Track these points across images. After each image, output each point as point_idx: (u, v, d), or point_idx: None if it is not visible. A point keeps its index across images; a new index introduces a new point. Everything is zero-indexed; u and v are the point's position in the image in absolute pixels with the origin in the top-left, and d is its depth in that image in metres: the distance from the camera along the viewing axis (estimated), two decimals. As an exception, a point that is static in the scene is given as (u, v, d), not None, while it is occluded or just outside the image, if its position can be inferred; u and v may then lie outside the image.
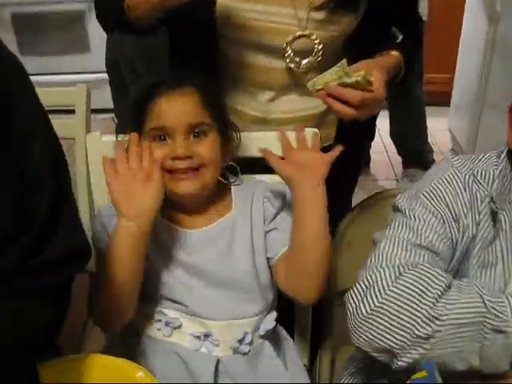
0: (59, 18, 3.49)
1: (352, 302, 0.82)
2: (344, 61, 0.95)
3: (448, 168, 0.91)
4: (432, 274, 0.80)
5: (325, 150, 1.07)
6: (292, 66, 1.10)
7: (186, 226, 1.05)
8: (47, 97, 1.41)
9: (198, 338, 1.00)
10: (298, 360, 1.10)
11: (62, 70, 3.53)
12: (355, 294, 0.83)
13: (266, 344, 1.05)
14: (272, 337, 1.07)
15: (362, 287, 0.82)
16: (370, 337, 0.79)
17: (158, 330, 1.02)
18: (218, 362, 0.99)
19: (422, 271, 0.80)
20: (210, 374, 0.98)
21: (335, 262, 1.17)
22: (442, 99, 3.49)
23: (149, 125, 1.01)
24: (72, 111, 1.43)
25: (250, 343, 1.02)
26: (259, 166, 1.08)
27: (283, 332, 1.13)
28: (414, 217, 0.87)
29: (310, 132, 1.09)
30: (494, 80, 2.68)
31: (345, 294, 0.86)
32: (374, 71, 0.99)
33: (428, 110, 3.63)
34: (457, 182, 0.89)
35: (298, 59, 1.09)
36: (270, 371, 1.03)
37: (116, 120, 2.86)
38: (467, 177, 0.89)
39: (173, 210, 1.05)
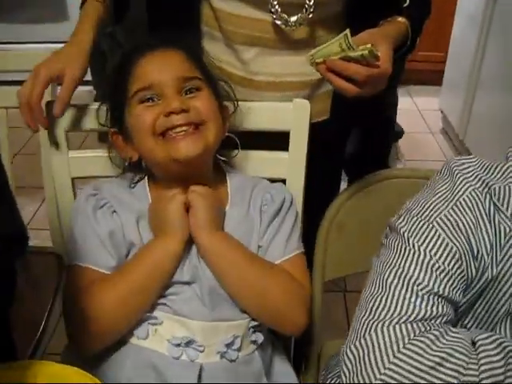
0: (34, -17, 3.31)
1: (344, 373, 0.66)
2: (347, 31, 0.85)
3: (464, 185, 0.74)
4: (454, 337, 0.64)
5: (319, 125, 0.98)
6: (279, 23, 0.98)
7: None
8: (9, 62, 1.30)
9: (178, 345, 0.85)
10: (289, 372, 0.97)
11: (37, 39, 3.35)
12: (347, 364, 0.65)
13: (256, 356, 0.90)
14: (263, 346, 0.93)
15: (354, 354, 0.65)
16: None
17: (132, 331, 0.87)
18: (200, 370, 0.84)
19: (437, 333, 0.64)
20: None
21: (324, 247, 1.06)
22: (434, 78, 3.40)
23: (135, 87, 0.91)
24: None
25: (239, 349, 0.88)
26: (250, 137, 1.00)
27: (273, 338, 0.99)
28: (425, 252, 0.70)
29: (301, 103, 1.01)
30: (490, 58, 2.60)
31: (333, 281, 0.72)
32: (380, 44, 0.89)
33: (418, 89, 3.57)
34: (479, 210, 0.72)
35: (286, 16, 0.97)
36: None
37: (94, 90, 2.73)
38: (487, 201, 0.72)
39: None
